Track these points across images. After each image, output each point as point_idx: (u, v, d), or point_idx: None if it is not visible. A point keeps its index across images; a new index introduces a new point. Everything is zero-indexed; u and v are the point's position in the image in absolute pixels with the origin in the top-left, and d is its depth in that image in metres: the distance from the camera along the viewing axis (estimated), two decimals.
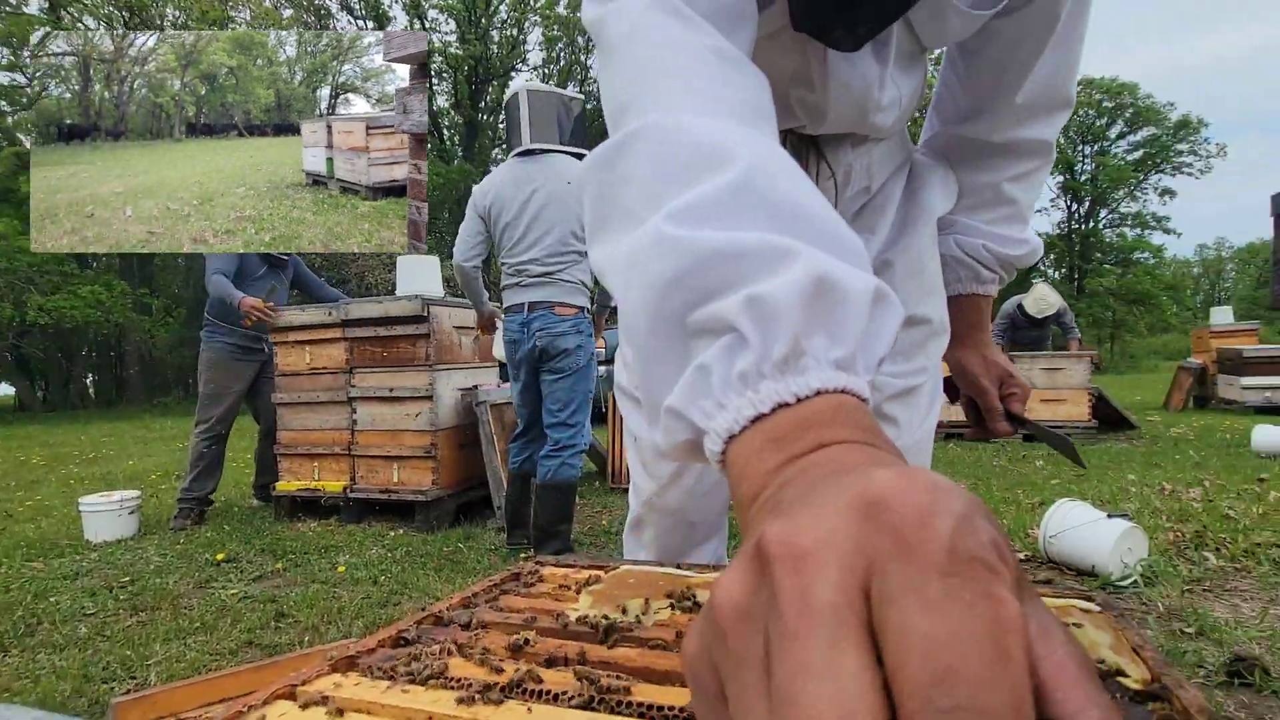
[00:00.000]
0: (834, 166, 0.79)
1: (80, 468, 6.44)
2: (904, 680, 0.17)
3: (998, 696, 0.16)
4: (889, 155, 0.85)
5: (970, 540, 0.18)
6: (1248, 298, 38.04)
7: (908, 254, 0.86)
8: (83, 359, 22.16)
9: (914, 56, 0.75)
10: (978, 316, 0.91)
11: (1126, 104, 30.82)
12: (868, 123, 0.74)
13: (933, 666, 0.16)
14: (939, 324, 0.90)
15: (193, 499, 3.71)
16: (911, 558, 0.18)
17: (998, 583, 0.18)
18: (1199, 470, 4.07)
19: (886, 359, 0.68)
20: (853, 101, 0.71)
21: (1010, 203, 0.85)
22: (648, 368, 0.35)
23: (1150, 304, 30.25)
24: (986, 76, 0.78)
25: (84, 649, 1.99)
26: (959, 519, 0.19)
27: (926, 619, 0.17)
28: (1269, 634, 1.76)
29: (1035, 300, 6.46)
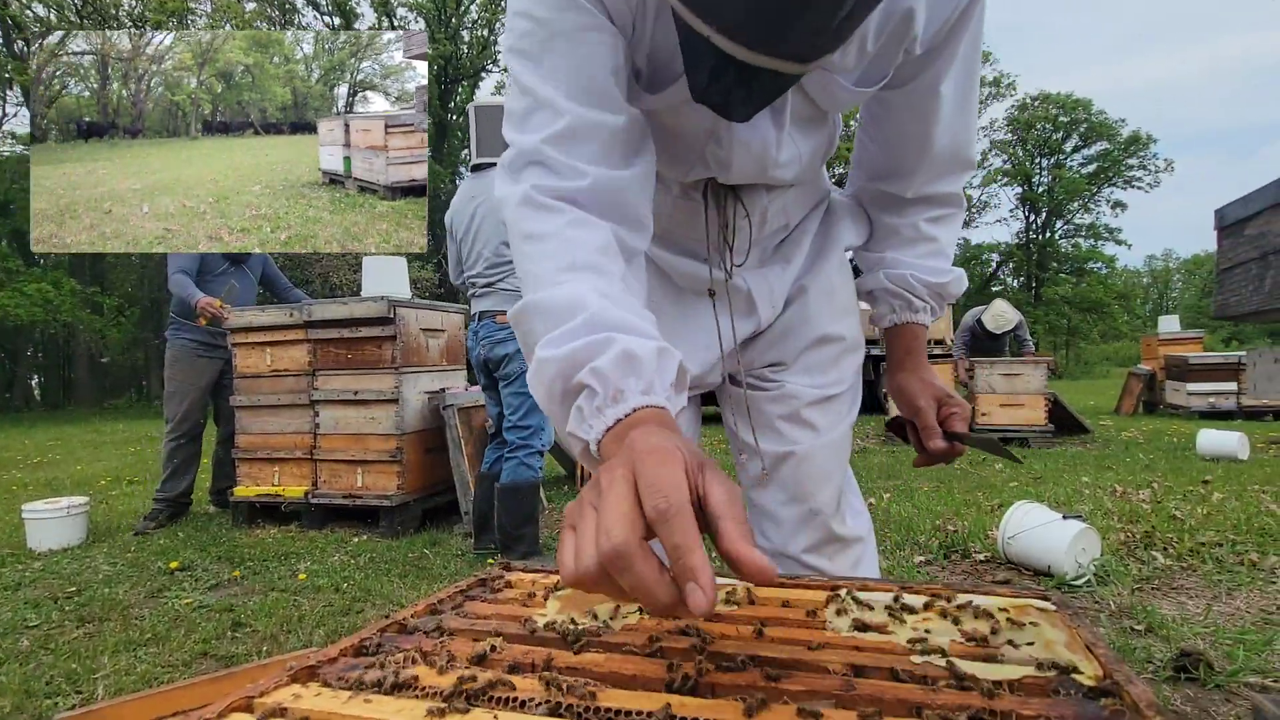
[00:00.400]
0: (749, 209, 0.89)
1: (24, 473, 6.17)
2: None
3: (679, 496, 0.42)
4: (803, 198, 0.96)
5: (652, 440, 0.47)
6: (1194, 307, 39.69)
7: (819, 279, 0.98)
8: (28, 360, 21.26)
9: (814, 119, 0.83)
10: (913, 343, 0.97)
11: (1081, 119, 31.96)
12: (768, 176, 0.84)
13: (653, 489, 0.42)
14: (852, 341, 1.00)
15: (164, 500, 3.64)
16: (638, 461, 0.45)
17: (677, 460, 0.44)
18: (1148, 473, 4.22)
19: (808, 372, 0.99)
20: (753, 159, 0.81)
21: (931, 239, 0.94)
22: (553, 419, 0.62)
23: (1103, 312, 31.39)
24: (894, 142, 0.89)
25: (26, 663, 1.90)
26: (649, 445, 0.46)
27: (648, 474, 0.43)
28: (1213, 630, 1.84)
29: (994, 316, 6.75)
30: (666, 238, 0.93)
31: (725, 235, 0.90)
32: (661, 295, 0.95)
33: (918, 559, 2.60)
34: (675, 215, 0.90)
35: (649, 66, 0.74)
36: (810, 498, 0.96)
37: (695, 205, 0.88)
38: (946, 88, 0.81)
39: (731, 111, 0.65)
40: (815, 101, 0.79)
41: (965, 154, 0.89)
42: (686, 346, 0.94)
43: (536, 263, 0.65)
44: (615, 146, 0.69)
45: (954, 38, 0.78)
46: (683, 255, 0.93)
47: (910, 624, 0.56)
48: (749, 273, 0.93)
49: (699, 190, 0.87)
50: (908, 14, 0.72)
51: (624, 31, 0.70)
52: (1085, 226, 33.31)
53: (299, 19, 22.73)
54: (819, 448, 0.96)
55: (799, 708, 0.41)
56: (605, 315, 0.59)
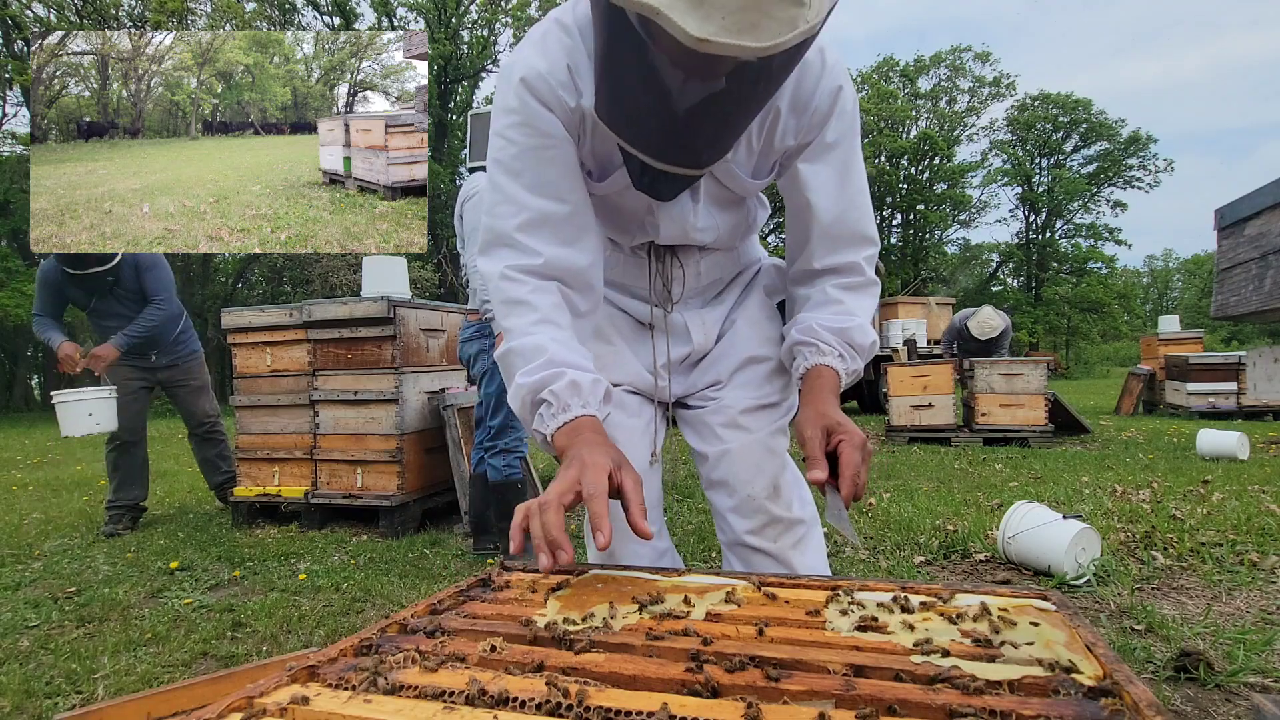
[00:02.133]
0: (684, 264, 1.17)
1: (24, 473, 6.17)
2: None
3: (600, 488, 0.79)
4: (729, 261, 1.22)
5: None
6: (1193, 307, 39.70)
7: (746, 313, 1.22)
8: (28, 360, 21.25)
9: (729, 199, 1.09)
10: (817, 382, 1.03)
11: (1080, 119, 31.95)
12: (690, 238, 1.10)
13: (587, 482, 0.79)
14: (778, 363, 1.16)
15: (120, 506, 3.58)
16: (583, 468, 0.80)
17: (603, 469, 0.79)
18: (1148, 473, 4.22)
19: (741, 387, 1.19)
20: (675, 225, 1.07)
21: (838, 302, 1.07)
22: (524, 422, 0.94)
23: (1103, 312, 31.37)
24: (793, 221, 1.09)
25: (26, 663, 1.90)
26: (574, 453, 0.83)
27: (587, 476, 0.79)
28: (1213, 630, 1.84)
29: (979, 323, 6.83)
30: (621, 286, 1.21)
31: (665, 283, 1.18)
32: (619, 327, 1.21)
33: (918, 559, 2.60)
34: (627, 269, 1.18)
35: (595, 163, 1.00)
36: (746, 485, 1.12)
37: (641, 261, 1.17)
38: (822, 169, 1.01)
39: (658, 195, 0.93)
40: (725, 185, 1.04)
41: (858, 229, 1.06)
42: (635, 364, 1.19)
43: (512, 320, 0.95)
44: (564, 231, 0.96)
45: (823, 128, 0.98)
46: (633, 299, 1.21)
47: (910, 624, 0.56)
48: (687, 311, 1.20)
49: (644, 250, 1.16)
50: (775, 114, 0.96)
51: (574, 139, 0.95)
52: (1085, 226, 33.31)
53: (299, 19, 22.72)
54: (750, 444, 1.13)
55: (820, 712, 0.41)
56: (560, 356, 0.91)
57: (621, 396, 1.17)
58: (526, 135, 0.92)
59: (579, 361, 0.92)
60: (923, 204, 31.68)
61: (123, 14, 18.50)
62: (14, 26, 17.93)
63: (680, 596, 0.63)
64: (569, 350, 0.92)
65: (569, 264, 0.97)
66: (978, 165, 33.55)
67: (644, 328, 1.22)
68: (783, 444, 1.17)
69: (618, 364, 1.19)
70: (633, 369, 1.20)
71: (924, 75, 33.25)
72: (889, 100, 30.10)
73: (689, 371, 1.23)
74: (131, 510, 3.60)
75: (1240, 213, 4.81)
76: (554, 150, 0.93)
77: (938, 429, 6.19)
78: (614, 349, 1.20)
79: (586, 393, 0.89)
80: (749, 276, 1.28)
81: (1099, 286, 31.32)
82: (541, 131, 0.92)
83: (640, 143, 0.81)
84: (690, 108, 0.75)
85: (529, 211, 0.94)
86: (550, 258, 0.95)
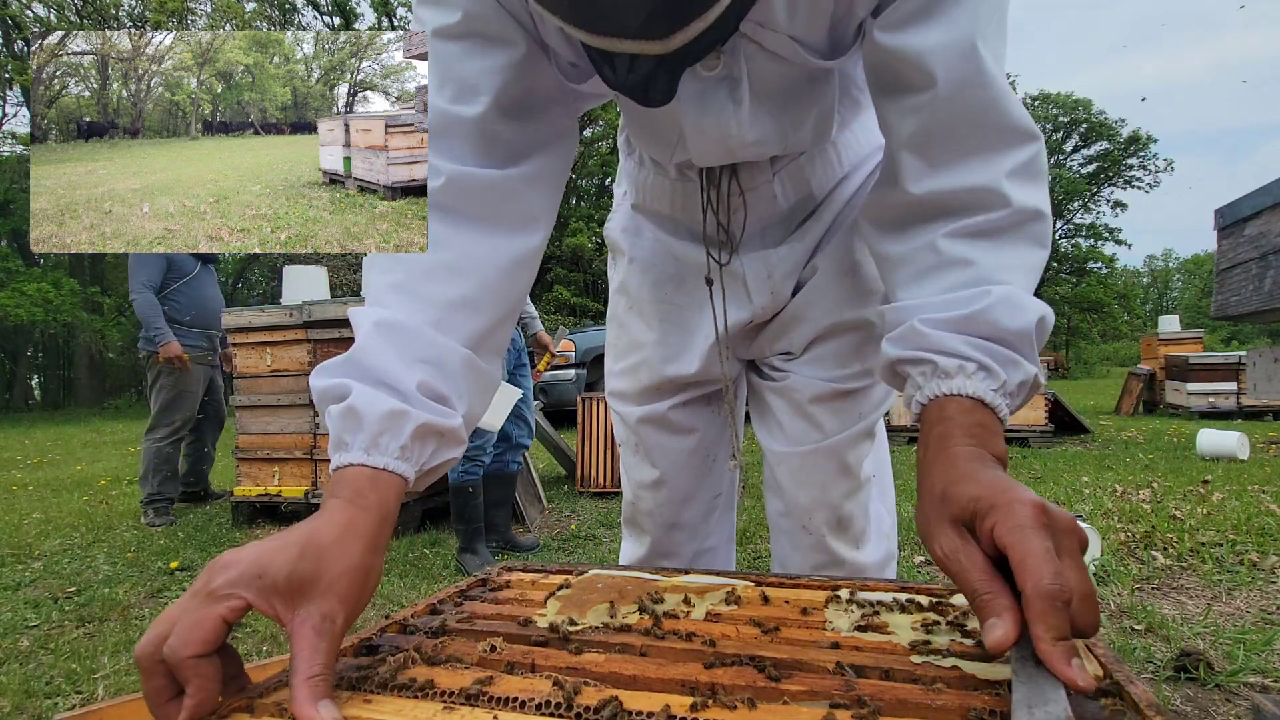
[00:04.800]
0: (746, 187, 0.80)
1: (24, 473, 6.17)
2: None
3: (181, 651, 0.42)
4: (825, 165, 0.80)
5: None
6: (1193, 307, 39.71)
7: (836, 255, 0.82)
8: (28, 360, 21.25)
9: (793, 90, 0.70)
10: (944, 428, 0.54)
11: (1080, 119, 31.96)
12: (737, 156, 0.74)
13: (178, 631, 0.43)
14: (881, 327, 0.72)
15: (164, 500, 3.73)
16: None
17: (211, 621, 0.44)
18: (1148, 473, 4.22)
19: (816, 363, 0.83)
20: (711, 142, 0.71)
21: (962, 264, 0.59)
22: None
23: (1103, 312, 31.38)
24: (886, 126, 0.65)
25: (26, 663, 1.90)
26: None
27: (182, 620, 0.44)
28: (1213, 630, 1.84)
29: None
30: (671, 222, 0.87)
31: (720, 218, 0.80)
32: (668, 285, 0.89)
33: (918, 559, 2.60)
34: (675, 200, 0.84)
35: (575, 57, 0.66)
36: (802, 508, 0.84)
37: (692, 187, 0.81)
38: (930, 28, 0.58)
39: (645, 97, 0.57)
40: (784, 63, 0.65)
41: (995, 118, 0.59)
42: (689, 338, 0.87)
43: (378, 275, 0.65)
44: (479, 142, 0.64)
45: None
46: (685, 240, 0.86)
47: (910, 624, 0.56)
48: (749, 256, 0.82)
49: (695, 171, 0.80)
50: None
51: (529, 34, 0.65)
52: (1085, 226, 33.32)
53: (299, 19, 22.73)
54: (816, 454, 0.83)
55: None
56: (362, 359, 0.59)
57: (659, 411, 0.90)
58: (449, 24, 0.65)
59: (394, 372, 0.58)
60: None
61: (123, 14, 18.51)
62: (14, 26, 17.94)
63: (680, 596, 0.63)
64: (395, 347, 0.59)
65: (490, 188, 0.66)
66: None
67: (700, 284, 0.86)
68: (865, 452, 0.86)
69: (663, 352, 0.89)
70: (685, 355, 0.88)
71: None
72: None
73: (753, 337, 0.89)
74: (171, 501, 3.82)
75: (1240, 213, 4.80)
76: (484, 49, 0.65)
77: None
78: (653, 333, 0.90)
79: (372, 431, 0.54)
80: (853, 187, 0.83)
81: (1099, 286, 31.34)
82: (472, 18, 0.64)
83: (552, 7, 0.48)
84: None
85: (434, 114, 0.66)
86: (453, 178, 0.64)
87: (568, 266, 20.21)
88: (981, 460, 0.50)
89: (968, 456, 0.50)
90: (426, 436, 0.57)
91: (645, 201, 0.89)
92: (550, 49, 0.66)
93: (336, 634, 0.47)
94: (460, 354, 0.62)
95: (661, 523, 0.98)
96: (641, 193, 0.89)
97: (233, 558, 0.46)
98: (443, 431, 0.58)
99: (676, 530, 0.98)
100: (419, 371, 0.59)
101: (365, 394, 0.56)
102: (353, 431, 0.55)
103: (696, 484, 0.96)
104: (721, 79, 0.66)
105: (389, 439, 0.55)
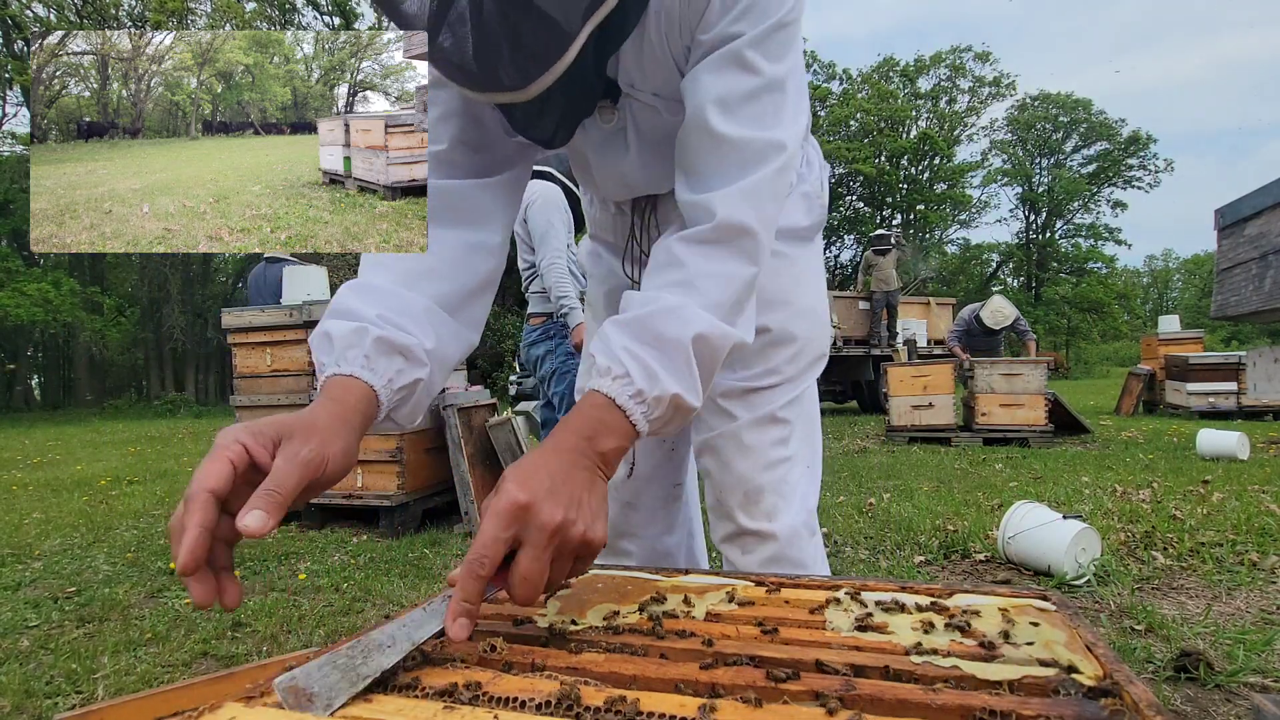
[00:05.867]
0: (662, 217, 0.95)
1: (24, 473, 6.17)
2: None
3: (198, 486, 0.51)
4: None
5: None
6: (1193, 307, 39.71)
7: None
8: (28, 360, 21.26)
9: (671, 140, 0.78)
10: (575, 412, 0.66)
11: (1080, 119, 31.98)
12: (637, 191, 0.92)
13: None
14: (780, 333, 0.95)
15: None
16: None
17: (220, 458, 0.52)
18: (1148, 473, 4.22)
19: (724, 365, 0.81)
20: (613, 179, 0.90)
21: (678, 265, 0.70)
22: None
23: (1103, 312, 31.41)
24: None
25: (26, 663, 1.90)
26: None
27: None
28: (1213, 630, 1.84)
29: (992, 312, 6.98)
30: (616, 248, 1.04)
31: (641, 246, 0.97)
32: (618, 297, 1.01)
33: (918, 559, 2.60)
34: (616, 229, 1.02)
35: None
36: (719, 488, 0.96)
37: (625, 218, 0.99)
38: (701, 72, 0.71)
39: (524, 130, 0.71)
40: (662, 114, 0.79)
41: (730, 151, 0.70)
42: None
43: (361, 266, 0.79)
44: (446, 167, 0.81)
45: (701, 17, 0.70)
46: (620, 261, 1.03)
47: (910, 624, 0.56)
48: None
49: (627, 205, 0.98)
50: (657, 13, 0.71)
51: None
52: (1085, 226, 33.35)
53: (299, 19, 22.74)
54: (727, 436, 0.94)
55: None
56: (336, 306, 0.71)
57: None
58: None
59: (360, 308, 0.70)
60: (923, 204, 31.69)
61: (123, 14, 18.51)
62: (14, 26, 17.95)
63: (680, 596, 0.63)
64: (362, 294, 0.72)
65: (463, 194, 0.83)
66: (978, 165, 33.61)
67: None
68: (771, 437, 0.96)
69: None
70: None
71: (924, 75, 33.28)
72: (889, 100, 30.10)
73: None
74: None
75: (1240, 213, 4.81)
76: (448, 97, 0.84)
77: (938, 429, 6.19)
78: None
79: (340, 346, 0.67)
80: None
81: (1099, 286, 31.36)
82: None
83: (434, 64, 0.62)
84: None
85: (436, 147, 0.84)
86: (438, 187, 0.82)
87: None
88: (561, 452, 0.60)
89: (555, 445, 0.61)
90: (389, 352, 0.68)
91: (596, 231, 1.09)
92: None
93: (310, 464, 0.55)
94: (422, 302, 0.73)
95: (619, 500, 1.08)
96: (593, 224, 1.09)
97: (230, 427, 0.56)
98: (401, 348, 0.69)
99: (632, 510, 1.09)
100: (382, 308, 0.70)
101: (335, 324, 0.69)
102: (326, 351, 0.68)
103: (655, 468, 1.09)
104: (617, 129, 0.83)
105: (354, 352, 0.67)
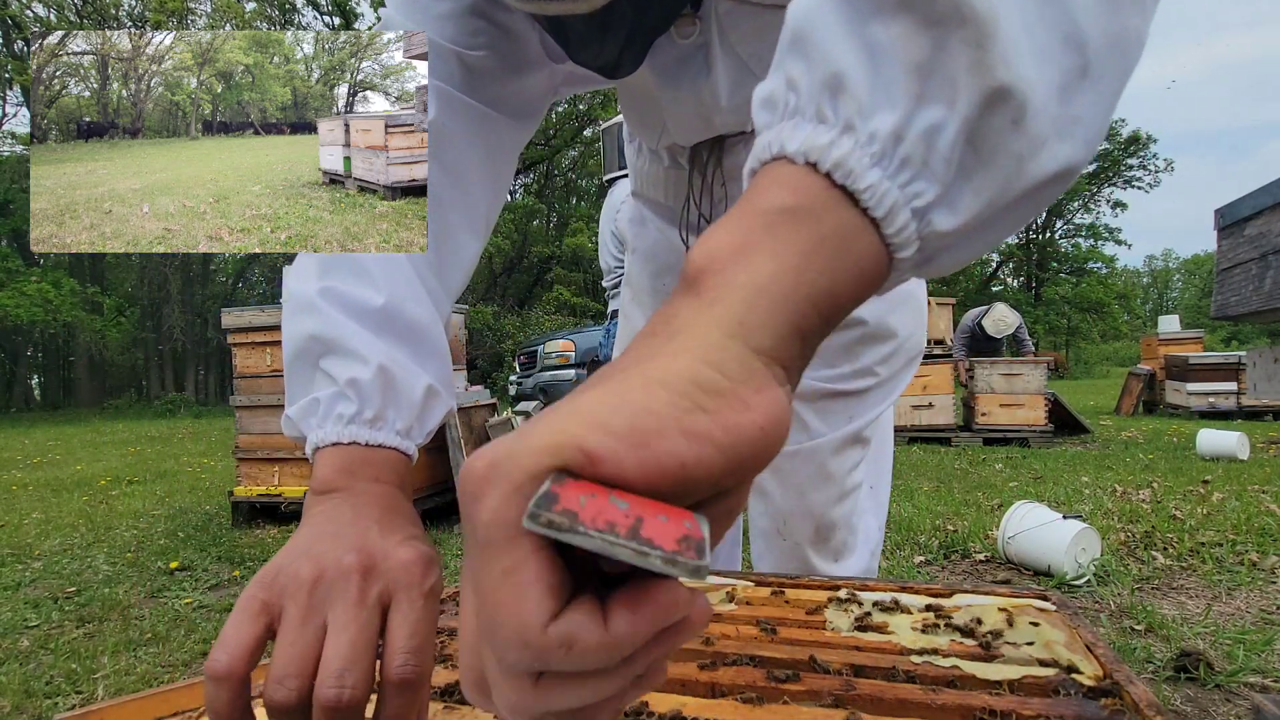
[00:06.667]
0: (729, 172, 0.76)
1: (24, 473, 6.17)
2: None
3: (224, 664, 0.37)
4: None
5: None
6: (1193, 307, 39.71)
7: None
8: (28, 360, 21.26)
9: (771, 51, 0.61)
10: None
11: None
12: (718, 128, 0.71)
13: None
14: (876, 326, 0.77)
15: None
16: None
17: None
18: (1148, 473, 4.22)
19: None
20: (689, 113, 0.69)
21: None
22: (287, 381, 0.53)
23: (1103, 312, 31.40)
24: None
25: (26, 662, 1.90)
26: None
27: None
28: (1213, 630, 1.84)
29: (995, 320, 6.96)
30: (668, 211, 0.85)
31: (702, 209, 0.76)
32: (667, 275, 0.85)
33: (918, 559, 2.60)
34: (667, 187, 0.83)
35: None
36: (781, 517, 0.80)
37: (682, 175, 0.79)
38: None
39: (612, 66, 0.56)
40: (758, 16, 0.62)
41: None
42: None
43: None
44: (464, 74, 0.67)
45: None
46: (675, 228, 0.83)
47: (910, 624, 0.56)
48: None
49: (684, 157, 0.78)
50: None
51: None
52: (1085, 226, 33.32)
53: (299, 19, 22.74)
54: (799, 455, 0.78)
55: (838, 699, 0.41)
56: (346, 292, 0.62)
57: None
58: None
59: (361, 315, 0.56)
60: None
61: (123, 14, 18.52)
62: (14, 26, 17.96)
63: None
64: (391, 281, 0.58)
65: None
66: None
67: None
68: (851, 461, 0.80)
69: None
70: None
71: None
72: None
73: None
74: None
75: (1240, 213, 4.80)
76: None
77: (938, 429, 6.19)
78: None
79: (376, 401, 0.50)
80: None
81: (1099, 286, 31.35)
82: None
83: None
84: None
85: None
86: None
87: (568, 266, 20.21)
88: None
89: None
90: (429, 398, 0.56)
91: (642, 188, 0.88)
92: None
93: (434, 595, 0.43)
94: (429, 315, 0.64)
95: None
96: (640, 179, 0.88)
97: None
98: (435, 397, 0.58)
99: None
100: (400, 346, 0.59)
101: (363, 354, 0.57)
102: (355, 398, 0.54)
103: None
104: (697, 46, 0.64)
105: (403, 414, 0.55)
